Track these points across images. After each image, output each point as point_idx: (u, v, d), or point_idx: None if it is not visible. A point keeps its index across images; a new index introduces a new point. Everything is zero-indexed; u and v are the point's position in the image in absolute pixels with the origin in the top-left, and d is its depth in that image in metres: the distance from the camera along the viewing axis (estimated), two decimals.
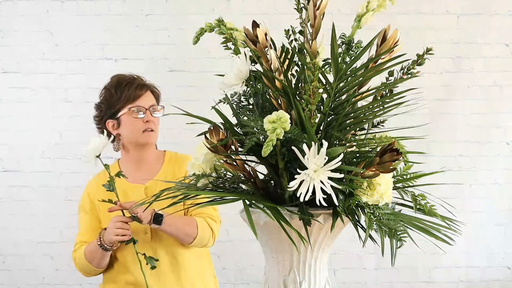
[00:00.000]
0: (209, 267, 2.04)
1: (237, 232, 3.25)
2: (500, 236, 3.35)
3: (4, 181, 3.30)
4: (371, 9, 1.06)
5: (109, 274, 1.94)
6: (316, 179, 0.88)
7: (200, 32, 1.12)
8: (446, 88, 3.28)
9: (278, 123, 0.87)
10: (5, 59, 3.27)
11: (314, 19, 1.00)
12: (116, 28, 3.26)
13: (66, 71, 3.27)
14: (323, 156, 0.88)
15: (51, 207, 3.28)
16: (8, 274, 3.33)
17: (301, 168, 0.90)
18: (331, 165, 0.89)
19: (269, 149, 0.86)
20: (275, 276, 1.06)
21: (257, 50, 0.98)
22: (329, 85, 0.99)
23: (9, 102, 3.29)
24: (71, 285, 3.30)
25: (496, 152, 3.31)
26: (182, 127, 1.92)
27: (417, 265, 3.31)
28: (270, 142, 0.86)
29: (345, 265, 3.32)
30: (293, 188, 0.89)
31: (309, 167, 0.88)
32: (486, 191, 3.32)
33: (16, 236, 3.31)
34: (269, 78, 1.00)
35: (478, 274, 3.36)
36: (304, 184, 0.88)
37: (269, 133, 0.87)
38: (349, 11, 3.06)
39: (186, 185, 1.06)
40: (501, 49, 3.28)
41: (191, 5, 3.24)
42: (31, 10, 3.25)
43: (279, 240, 1.02)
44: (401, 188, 1.09)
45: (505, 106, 3.30)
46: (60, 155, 3.28)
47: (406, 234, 0.96)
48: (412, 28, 3.18)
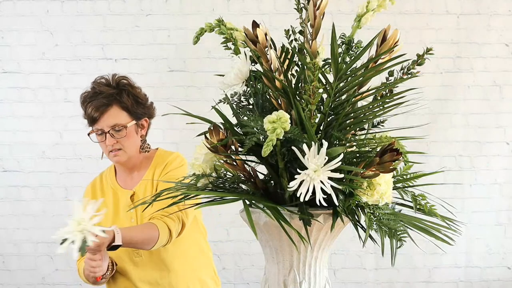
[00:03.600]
0: (205, 266, 2.01)
1: (237, 232, 3.25)
2: (500, 236, 3.35)
3: (4, 181, 3.30)
4: (371, 9, 1.06)
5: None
6: (316, 179, 0.88)
7: (200, 32, 1.12)
8: (446, 88, 3.29)
9: (278, 123, 0.87)
10: (5, 59, 3.27)
11: (314, 19, 1.00)
12: (116, 28, 3.26)
13: (66, 71, 3.27)
14: (323, 156, 0.88)
15: (51, 207, 3.28)
16: (8, 274, 3.33)
17: (301, 168, 0.90)
18: (331, 165, 0.89)
19: (269, 149, 0.86)
20: (275, 276, 1.06)
21: (257, 50, 0.98)
22: (329, 85, 0.99)
23: (9, 102, 3.29)
24: (71, 285, 3.30)
25: (496, 152, 3.31)
26: (182, 127, 1.92)
27: (417, 265, 3.31)
28: (270, 142, 0.86)
29: (345, 265, 3.32)
30: (293, 188, 0.89)
31: (309, 167, 0.88)
32: (486, 191, 3.32)
33: (16, 236, 3.31)
34: (269, 78, 1.00)
35: (478, 274, 3.36)
36: (304, 184, 0.89)
37: (269, 133, 0.87)
38: (349, 11, 3.06)
39: (186, 185, 1.06)
40: (501, 49, 3.28)
41: (191, 5, 3.24)
42: (31, 10, 3.25)
43: (279, 240, 1.02)
44: (401, 188, 1.09)
45: (505, 106, 3.30)
46: (60, 155, 3.28)
47: (406, 234, 0.96)
48: (412, 28, 3.18)
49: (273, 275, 1.07)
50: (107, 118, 1.78)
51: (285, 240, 1.00)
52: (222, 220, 3.21)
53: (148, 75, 3.21)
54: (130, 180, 1.92)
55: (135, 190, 1.89)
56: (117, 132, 1.79)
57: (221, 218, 3.21)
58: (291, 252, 1.03)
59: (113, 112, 1.79)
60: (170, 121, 3.08)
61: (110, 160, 1.88)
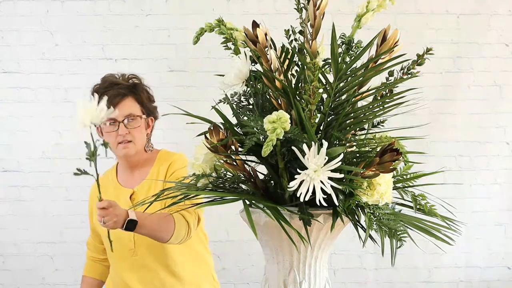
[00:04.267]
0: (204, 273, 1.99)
1: (237, 232, 3.25)
2: (500, 236, 3.35)
3: (4, 181, 3.30)
4: (371, 9, 1.06)
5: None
6: (316, 179, 0.88)
7: (200, 32, 1.12)
8: (446, 88, 3.28)
9: (278, 123, 0.87)
10: (5, 59, 3.27)
11: (314, 19, 1.00)
12: (116, 28, 3.26)
13: (66, 71, 3.27)
14: (323, 156, 0.88)
15: (51, 207, 3.28)
16: (8, 274, 3.33)
17: (301, 168, 0.90)
18: (331, 165, 0.89)
19: (269, 149, 0.86)
20: (275, 276, 1.06)
21: (257, 50, 0.98)
22: (329, 85, 0.99)
23: (9, 102, 3.29)
24: (71, 285, 3.30)
25: (496, 152, 3.31)
26: (182, 127, 1.91)
27: (417, 265, 3.31)
28: (270, 142, 0.86)
29: (345, 265, 3.32)
30: (293, 188, 0.89)
31: (309, 167, 0.88)
32: (486, 191, 3.32)
33: (16, 236, 3.31)
34: (269, 78, 1.00)
35: (478, 274, 3.36)
36: (304, 184, 0.89)
37: (269, 133, 0.87)
38: (349, 11, 3.06)
39: (186, 185, 1.06)
40: (501, 49, 3.28)
41: (191, 5, 3.24)
42: (31, 10, 3.25)
43: (279, 240, 1.03)
44: (401, 188, 1.09)
45: (505, 106, 3.30)
46: (60, 155, 3.28)
47: (406, 234, 0.96)
48: (412, 28, 3.18)
49: (273, 275, 1.07)
50: (122, 107, 1.81)
51: (285, 240, 1.00)
52: (222, 220, 3.20)
53: (148, 75, 3.19)
54: (131, 179, 1.92)
55: (136, 189, 1.89)
56: (130, 122, 1.81)
57: (221, 218, 3.20)
58: (291, 252, 1.03)
59: (128, 103, 1.83)
60: (170, 121, 3.08)
61: (117, 153, 1.86)
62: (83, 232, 3.30)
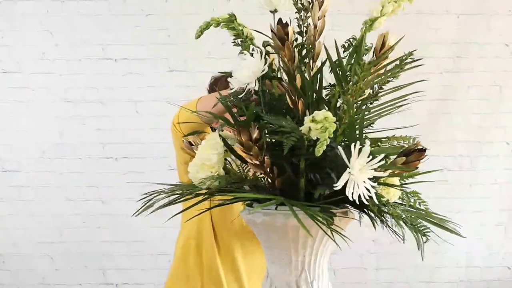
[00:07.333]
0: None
1: None
2: (500, 236, 3.35)
3: (4, 181, 3.30)
4: (385, 13, 1.05)
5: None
6: (360, 178, 0.87)
7: (205, 26, 1.10)
8: (446, 88, 3.28)
9: (325, 122, 0.86)
10: (5, 59, 3.27)
11: (317, 20, 0.99)
12: (116, 28, 3.26)
13: (66, 71, 3.27)
14: (366, 155, 0.87)
15: (51, 207, 3.28)
16: (8, 274, 3.33)
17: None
18: (373, 164, 0.88)
19: (323, 148, 0.85)
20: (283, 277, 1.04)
21: (285, 48, 0.97)
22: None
23: (9, 102, 3.29)
24: (71, 285, 3.30)
25: (496, 152, 3.31)
26: None
27: (417, 265, 3.31)
28: (325, 141, 0.85)
29: (345, 265, 3.32)
30: (339, 187, 0.87)
31: (353, 167, 0.87)
32: (486, 191, 3.32)
33: (16, 236, 3.31)
34: (290, 79, 0.99)
35: (478, 274, 3.36)
36: (349, 183, 0.87)
37: (319, 132, 0.86)
38: (349, 11, 3.06)
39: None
40: (501, 49, 3.28)
41: (191, 5, 3.23)
42: (31, 10, 3.25)
43: (285, 241, 1.01)
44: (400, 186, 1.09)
45: (505, 106, 3.30)
46: (60, 155, 3.28)
47: (429, 229, 0.97)
48: (412, 28, 3.18)
49: (281, 277, 1.05)
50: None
51: (301, 240, 0.99)
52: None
53: (148, 75, 3.21)
54: None
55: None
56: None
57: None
58: (304, 252, 1.02)
59: None
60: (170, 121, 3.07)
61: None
62: (83, 232, 3.31)
